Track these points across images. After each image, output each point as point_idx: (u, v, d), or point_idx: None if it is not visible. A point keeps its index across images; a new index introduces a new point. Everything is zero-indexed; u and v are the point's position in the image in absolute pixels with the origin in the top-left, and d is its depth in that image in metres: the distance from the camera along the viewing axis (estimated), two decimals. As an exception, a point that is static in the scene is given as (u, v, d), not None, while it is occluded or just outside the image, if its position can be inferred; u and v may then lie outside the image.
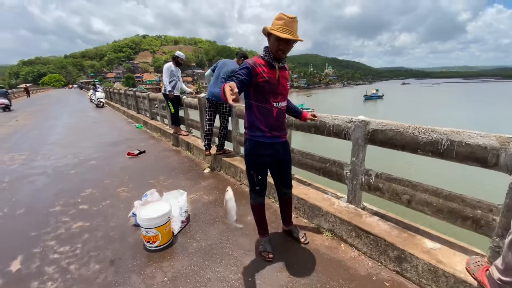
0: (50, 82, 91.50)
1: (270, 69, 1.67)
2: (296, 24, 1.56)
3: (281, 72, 1.72)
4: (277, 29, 1.53)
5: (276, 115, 1.73)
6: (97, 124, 9.12)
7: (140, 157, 4.89)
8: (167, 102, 5.51)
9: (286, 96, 1.81)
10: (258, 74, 1.63)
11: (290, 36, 1.52)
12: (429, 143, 1.72)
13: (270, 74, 1.66)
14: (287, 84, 1.78)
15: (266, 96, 1.68)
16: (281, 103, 1.74)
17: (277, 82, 1.69)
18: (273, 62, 1.66)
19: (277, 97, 1.71)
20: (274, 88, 1.68)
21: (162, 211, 2.14)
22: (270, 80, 1.66)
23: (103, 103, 15.30)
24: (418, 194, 1.86)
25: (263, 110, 1.71)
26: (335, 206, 2.33)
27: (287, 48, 1.61)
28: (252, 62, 1.65)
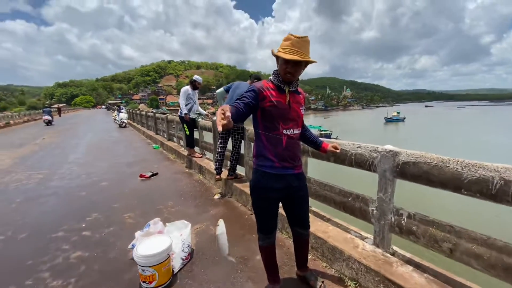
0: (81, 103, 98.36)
1: (279, 93, 1.49)
2: (306, 44, 1.38)
3: (293, 96, 1.52)
4: (283, 50, 1.38)
5: (287, 144, 1.51)
6: (116, 144, 9.34)
7: (152, 179, 4.80)
8: (183, 124, 5.49)
9: (300, 122, 1.59)
10: (266, 98, 1.46)
11: (297, 58, 1.35)
12: (475, 182, 1.41)
13: (279, 98, 1.48)
14: (300, 110, 1.56)
15: (274, 122, 1.49)
16: (292, 130, 1.52)
17: (288, 107, 1.49)
18: (282, 86, 1.49)
19: (288, 123, 1.51)
20: (284, 113, 1.49)
21: (161, 247, 1.92)
22: (278, 104, 1.47)
23: (125, 124, 15.91)
24: (463, 243, 1.51)
25: (271, 137, 1.51)
26: (359, 250, 2.00)
27: (296, 71, 1.42)
28: (259, 86, 1.48)
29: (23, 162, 6.49)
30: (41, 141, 10.19)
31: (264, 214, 1.63)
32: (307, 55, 1.39)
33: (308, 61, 1.41)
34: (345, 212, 2.28)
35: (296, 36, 1.36)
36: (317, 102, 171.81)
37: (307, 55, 1.39)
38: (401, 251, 1.97)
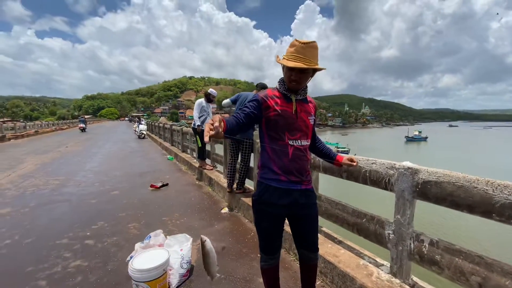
0: (106, 115, 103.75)
1: (285, 102, 1.38)
2: (313, 50, 1.28)
3: (300, 105, 1.41)
4: (288, 57, 1.29)
5: (293, 156, 1.39)
6: (133, 154, 9.56)
7: (162, 190, 4.77)
8: (196, 135, 5.52)
9: (309, 133, 1.47)
10: (270, 107, 1.36)
11: (300, 65, 1.25)
12: (509, 206, 1.21)
13: (284, 107, 1.37)
14: (308, 119, 1.43)
15: (279, 132, 1.38)
16: (300, 141, 1.40)
17: (295, 116, 1.38)
18: (288, 94, 1.39)
19: (295, 134, 1.39)
20: (290, 122, 1.37)
21: (157, 262, 1.81)
22: (284, 113, 1.36)
23: (144, 135, 16.42)
24: (495, 277, 1.28)
25: (276, 148, 1.39)
26: (373, 278, 1.78)
27: (301, 78, 1.32)
28: (263, 95, 1.39)
29: (44, 168, 6.75)
30: (64, 149, 10.67)
31: (267, 232, 1.48)
32: (313, 62, 1.28)
33: (315, 69, 1.31)
34: (359, 234, 2.07)
35: (302, 41, 1.27)
36: (334, 119, 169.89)
37: (314, 61, 1.28)
38: (422, 283, 1.73)
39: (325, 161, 1.71)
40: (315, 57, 1.29)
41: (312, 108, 1.48)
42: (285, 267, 2.27)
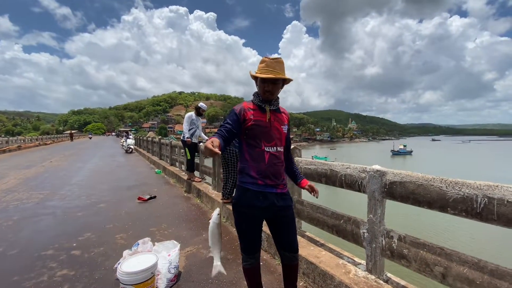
0: (93, 130, 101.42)
1: (260, 113, 1.55)
2: (280, 65, 1.52)
3: (274, 115, 1.58)
4: (260, 71, 1.51)
5: (269, 161, 1.54)
6: (120, 168, 9.45)
7: (150, 202, 4.78)
8: (184, 148, 5.61)
9: (282, 141, 1.61)
10: (246, 119, 1.54)
11: (271, 76, 1.47)
12: (460, 200, 1.40)
13: (259, 118, 1.54)
14: (282, 128, 1.60)
15: (257, 140, 1.54)
16: (275, 148, 1.56)
17: (269, 125, 1.55)
18: (263, 105, 1.56)
19: (270, 141, 1.55)
20: (265, 131, 1.54)
21: (145, 265, 1.88)
22: (259, 123, 1.54)
23: (132, 149, 16.22)
24: (455, 266, 1.44)
25: (254, 154, 1.55)
26: (350, 276, 1.91)
27: (273, 89, 1.52)
28: (239, 108, 1.56)
29: (27, 182, 6.58)
30: (48, 163, 10.40)
31: (246, 233, 1.60)
32: (281, 74, 1.51)
33: (284, 79, 1.54)
34: (338, 235, 2.21)
35: (270, 58, 1.52)
36: (322, 134, 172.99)
37: (282, 73, 1.51)
38: (395, 278, 1.87)
39: (290, 179, 1.83)
40: (283, 70, 1.53)
41: (285, 118, 1.65)
42: (270, 271, 2.36)
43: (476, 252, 4.29)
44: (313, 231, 2.75)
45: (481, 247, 9.78)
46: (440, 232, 11.43)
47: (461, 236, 10.90)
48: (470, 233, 10.83)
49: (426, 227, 11.69)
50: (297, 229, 2.72)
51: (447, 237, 10.90)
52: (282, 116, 1.63)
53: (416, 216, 12.07)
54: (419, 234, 1.73)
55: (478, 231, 10.64)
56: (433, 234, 11.05)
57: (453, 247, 1.53)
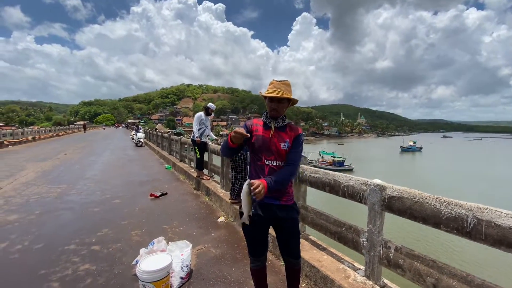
0: (103, 121, 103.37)
1: (264, 129, 1.73)
2: (286, 87, 1.68)
3: (277, 132, 1.71)
4: (268, 91, 1.68)
5: (269, 174, 1.67)
6: (131, 162, 9.77)
7: (161, 199, 5.01)
8: (194, 147, 5.79)
9: (283, 156, 1.68)
10: (253, 132, 1.73)
11: (276, 95, 1.64)
12: (452, 219, 1.51)
13: (263, 133, 1.72)
14: (280, 145, 1.67)
15: (258, 153, 1.71)
16: (275, 162, 1.68)
17: (269, 140, 1.69)
18: (268, 122, 1.73)
19: (270, 155, 1.68)
20: (264, 146, 1.68)
21: (161, 264, 2.07)
22: (261, 138, 1.70)
23: (142, 143, 16.61)
24: (445, 278, 1.57)
25: (256, 167, 1.72)
26: (350, 280, 2.05)
27: (279, 107, 1.68)
28: (249, 123, 1.78)
29: (45, 176, 6.93)
30: (63, 156, 10.82)
31: (252, 238, 1.76)
32: (287, 93, 1.67)
33: (290, 99, 1.70)
34: (339, 242, 2.35)
35: (278, 80, 1.70)
36: (330, 129, 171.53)
37: (288, 93, 1.68)
38: (391, 285, 2.01)
39: None
40: (289, 91, 1.69)
41: (288, 136, 1.70)
42: (275, 272, 2.53)
43: (466, 267, 4.57)
44: (316, 235, 2.89)
45: (471, 262, 10.37)
46: (434, 245, 11.94)
47: (454, 250, 11.48)
48: (462, 249, 11.47)
49: (423, 239, 12.22)
50: (302, 232, 2.88)
51: (441, 251, 11.48)
52: (286, 134, 1.72)
53: (412, 228, 12.45)
54: (414, 245, 1.84)
55: (470, 247, 11.18)
56: (428, 246, 11.61)
57: (445, 260, 1.64)
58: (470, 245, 10.53)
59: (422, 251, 1.77)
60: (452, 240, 11.73)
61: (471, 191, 24.14)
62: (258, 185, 1.51)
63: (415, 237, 11.92)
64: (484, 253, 10.26)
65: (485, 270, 9.63)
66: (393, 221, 2.03)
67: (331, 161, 40.55)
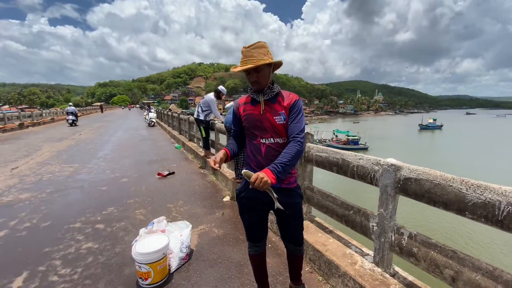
0: (118, 102, 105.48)
1: (253, 105, 1.51)
2: (258, 50, 1.38)
3: (267, 105, 1.47)
4: (239, 65, 1.41)
5: (266, 153, 1.47)
6: (143, 142, 9.86)
7: (168, 178, 4.99)
8: (199, 126, 5.65)
9: (280, 131, 1.46)
10: (241, 114, 1.55)
11: (251, 65, 1.35)
12: (481, 205, 1.27)
13: (252, 110, 1.50)
14: (274, 119, 1.44)
15: (251, 132, 1.52)
16: (272, 139, 1.47)
17: (261, 117, 1.47)
18: (255, 97, 1.50)
19: (265, 133, 1.47)
20: (257, 124, 1.48)
21: (157, 246, 1.99)
22: (252, 116, 1.49)
23: (154, 123, 16.76)
24: (467, 272, 1.37)
25: (252, 147, 1.53)
26: (356, 267, 1.90)
27: (259, 77, 1.41)
28: (235, 106, 1.61)
29: (59, 155, 7.11)
30: (78, 136, 11.10)
31: (249, 224, 1.61)
32: (261, 59, 1.36)
33: (269, 64, 1.40)
34: (346, 225, 2.18)
35: (245, 46, 1.41)
36: (346, 106, 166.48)
37: (262, 58, 1.37)
38: (403, 273, 1.84)
39: None
40: (264, 54, 1.38)
41: (281, 108, 1.45)
42: (277, 253, 2.42)
43: (493, 261, 3.37)
44: (322, 216, 2.73)
45: (500, 256, 8.78)
46: (455, 234, 10.42)
47: (479, 242, 9.79)
48: (491, 239, 9.71)
49: (440, 226, 10.64)
50: (308, 213, 2.73)
51: (463, 241, 9.91)
52: (276, 106, 1.47)
53: (430, 213, 10.91)
54: (432, 233, 1.63)
55: (499, 238, 9.53)
56: (448, 235, 10.20)
57: (468, 252, 1.43)
58: (498, 235, 9.13)
59: (439, 240, 1.56)
60: (475, 231, 10.26)
61: (493, 172, 22.96)
62: (255, 178, 1.25)
63: (423, 224, 10.31)
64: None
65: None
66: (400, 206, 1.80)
67: (346, 140, 39.69)
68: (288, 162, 1.34)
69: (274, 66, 1.45)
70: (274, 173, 1.29)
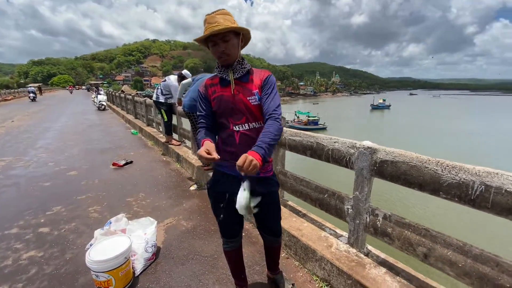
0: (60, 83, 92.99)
1: (222, 86, 1.31)
2: (223, 16, 1.19)
3: (239, 85, 1.28)
4: (204, 32, 1.20)
5: (240, 142, 1.30)
6: (92, 128, 8.85)
7: (126, 168, 4.53)
8: (160, 109, 5.17)
9: (256, 114, 1.30)
10: (210, 96, 1.33)
11: (220, 27, 1.14)
12: (455, 186, 1.30)
13: (221, 92, 1.30)
14: (249, 101, 1.27)
15: (223, 118, 1.32)
16: (246, 125, 1.30)
17: (233, 99, 1.27)
18: (224, 76, 1.29)
19: (238, 118, 1.29)
20: (229, 107, 1.28)
21: (117, 251, 1.74)
22: (222, 98, 1.29)
23: (104, 106, 15.16)
24: (439, 248, 1.42)
25: (224, 136, 1.35)
26: (332, 250, 1.90)
27: (228, 48, 1.21)
28: (202, 88, 1.37)
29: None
30: (9, 124, 9.50)
31: (224, 220, 1.45)
32: (230, 24, 1.18)
33: (237, 32, 1.22)
34: (321, 209, 2.17)
35: (209, 13, 1.22)
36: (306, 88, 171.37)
37: (231, 23, 1.19)
38: (375, 251, 1.89)
39: None
40: (230, 22, 1.20)
41: (255, 86, 1.29)
42: (251, 242, 2.34)
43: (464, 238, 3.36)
44: (295, 200, 2.71)
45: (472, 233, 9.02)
46: (427, 213, 10.49)
47: (450, 221, 9.89)
48: (460, 219, 9.72)
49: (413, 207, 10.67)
50: (280, 198, 2.67)
51: (435, 220, 9.97)
52: (251, 84, 1.30)
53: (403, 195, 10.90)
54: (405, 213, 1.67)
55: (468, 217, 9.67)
56: (421, 214, 10.19)
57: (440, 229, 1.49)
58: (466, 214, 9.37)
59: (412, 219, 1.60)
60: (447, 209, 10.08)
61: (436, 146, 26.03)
62: (243, 161, 1.08)
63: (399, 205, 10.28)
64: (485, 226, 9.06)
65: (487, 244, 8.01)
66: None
67: (306, 121, 41.16)
68: (271, 141, 1.19)
69: (243, 40, 1.28)
70: (260, 154, 1.13)
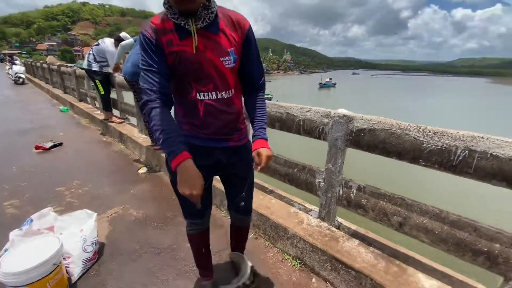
0: (-43, 51, 74.15)
1: (180, 38, 0.90)
2: None
3: (206, 38, 0.92)
4: None
5: (205, 114, 1.00)
6: (8, 105, 7.21)
7: (54, 151, 3.75)
8: (94, 80, 4.33)
9: (229, 80, 0.99)
10: (164, 46, 0.91)
11: None
12: (436, 152, 1.24)
13: (182, 46, 0.91)
14: (221, 61, 0.94)
15: (183, 81, 0.97)
16: (213, 94, 0.98)
17: (197, 57, 0.92)
18: (183, 23, 0.88)
19: (204, 84, 0.96)
20: (193, 68, 0.93)
21: (42, 255, 1.32)
22: (182, 54, 0.91)
23: (23, 79, 12.57)
24: (414, 216, 1.40)
25: (184, 105, 1.02)
26: (304, 226, 1.79)
27: None
28: (150, 30, 0.90)
29: None
30: None
31: (184, 198, 1.16)
32: None
33: None
34: (290, 184, 2.03)
35: None
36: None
37: None
38: (346, 223, 1.84)
39: None
40: None
41: (227, 41, 0.94)
42: (217, 225, 2.11)
43: None
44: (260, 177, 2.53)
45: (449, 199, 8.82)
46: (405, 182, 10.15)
47: (427, 188, 9.75)
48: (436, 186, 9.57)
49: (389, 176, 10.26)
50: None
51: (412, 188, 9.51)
52: (223, 36, 0.94)
53: None
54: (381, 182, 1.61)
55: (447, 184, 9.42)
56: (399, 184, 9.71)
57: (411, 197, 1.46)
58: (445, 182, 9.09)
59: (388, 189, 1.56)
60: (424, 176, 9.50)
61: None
62: (266, 161, 1.02)
63: None
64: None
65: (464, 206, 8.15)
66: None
67: (259, 98, 41.41)
68: (265, 125, 1.12)
69: None
70: (267, 143, 1.07)
